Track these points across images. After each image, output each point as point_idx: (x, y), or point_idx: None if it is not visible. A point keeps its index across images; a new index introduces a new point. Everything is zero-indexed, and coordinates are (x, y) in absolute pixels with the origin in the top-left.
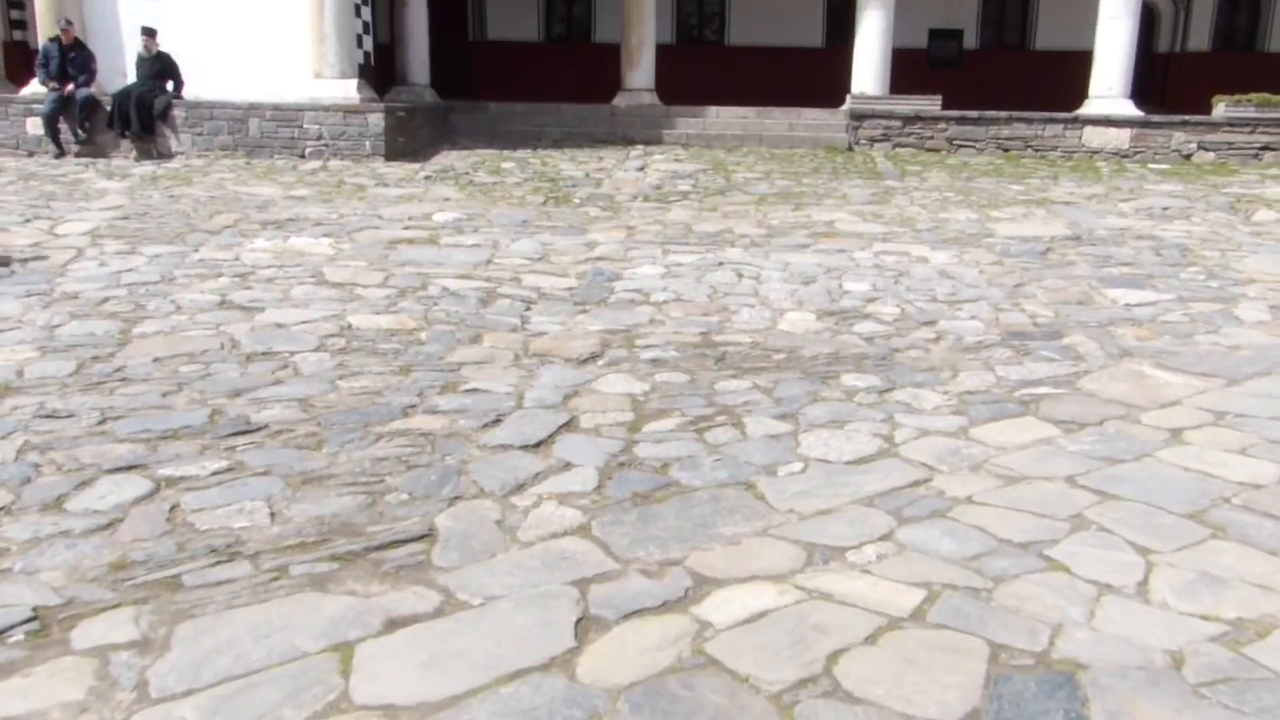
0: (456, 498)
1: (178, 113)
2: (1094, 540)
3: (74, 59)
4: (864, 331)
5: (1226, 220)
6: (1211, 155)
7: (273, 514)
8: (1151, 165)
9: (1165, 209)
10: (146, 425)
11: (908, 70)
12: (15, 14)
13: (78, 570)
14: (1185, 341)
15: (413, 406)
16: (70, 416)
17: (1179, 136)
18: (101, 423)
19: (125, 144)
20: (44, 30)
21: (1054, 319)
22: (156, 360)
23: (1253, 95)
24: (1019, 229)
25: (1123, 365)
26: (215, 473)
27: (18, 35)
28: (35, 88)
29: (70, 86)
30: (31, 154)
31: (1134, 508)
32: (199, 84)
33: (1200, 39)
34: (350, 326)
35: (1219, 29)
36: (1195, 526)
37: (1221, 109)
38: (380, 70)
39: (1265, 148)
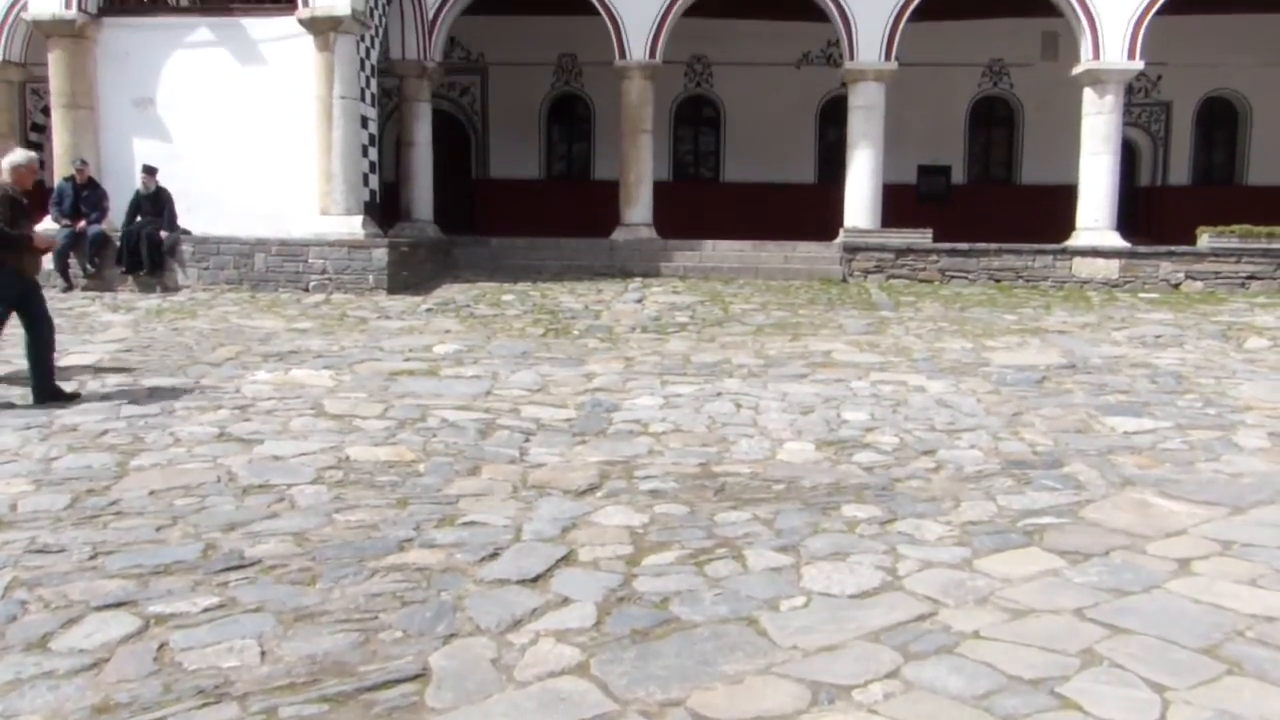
0: (452, 635)
1: (185, 248)
2: (1107, 677)
3: (87, 197)
4: (864, 461)
5: (1219, 348)
6: (1200, 284)
7: (263, 652)
8: (1141, 294)
9: (1158, 337)
10: (138, 560)
11: (898, 204)
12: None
13: (59, 713)
14: (1187, 469)
15: (409, 540)
16: (61, 551)
17: (1166, 266)
18: (93, 558)
19: (132, 278)
20: (60, 170)
21: (1053, 447)
22: (152, 493)
23: (1235, 227)
24: (1014, 358)
25: (1125, 494)
26: (206, 609)
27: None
28: (48, 224)
29: (82, 223)
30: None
31: (1146, 642)
32: (207, 220)
33: (1180, 173)
34: (348, 458)
35: (1197, 164)
36: (1210, 662)
37: (1206, 240)
38: (385, 206)
39: (1251, 277)
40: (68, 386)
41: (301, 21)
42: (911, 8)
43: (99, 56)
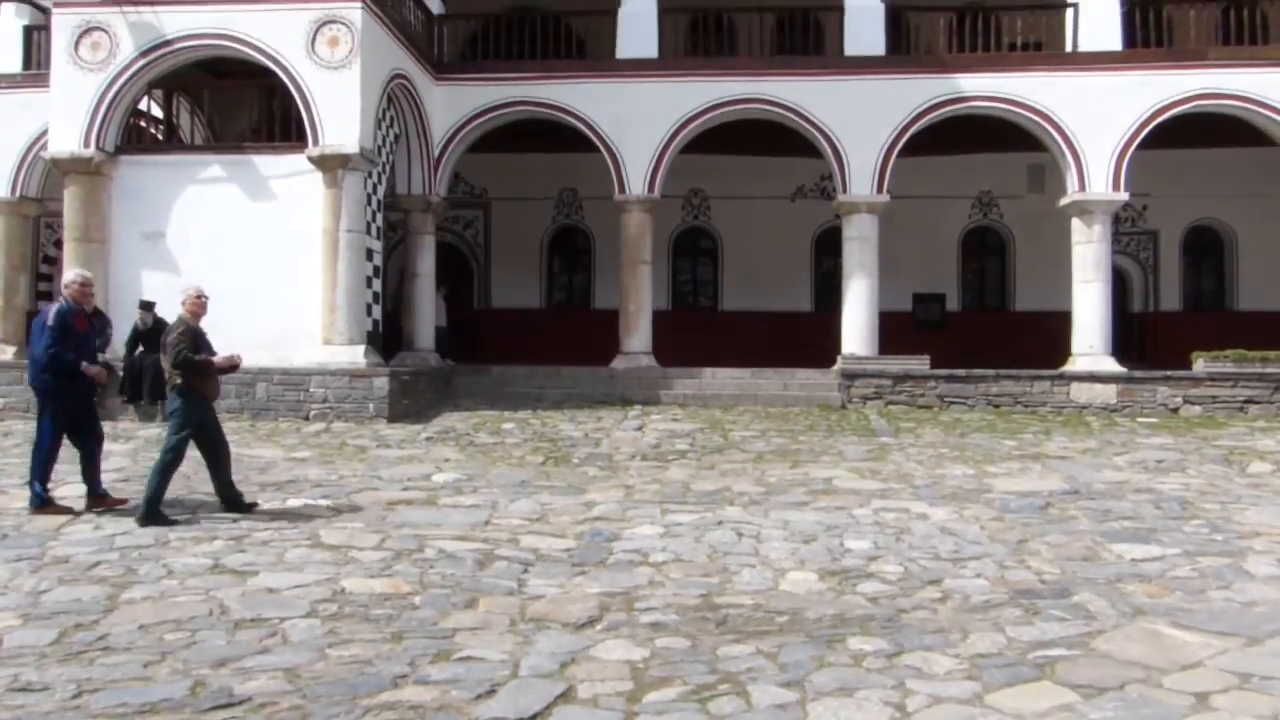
0: None
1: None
2: None
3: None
4: (868, 591)
5: (1222, 473)
6: (1198, 409)
7: None
8: (1140, 419)
9: (1159, 462)
10: (123, 699)
11: (895, 331)
12: (43, 285)
13: None
14: (1198, 598)
15: (403, 676)
16: (45, 690)
17: (1164, 391)
18: (77, 696)
19: (133, 408)
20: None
21: (1061, 576)
22: (142, 627)
23: (1229, 351)
24: (1016, 484)
25: (1137, 624)
26: None
27: (42, 305)
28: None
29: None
30: None
31: None
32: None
33: (1171, 300)
34: (343, 591)
35: (1187, 291)
36: None
37: (1201, 365)
38: (387, 336)
39: (1249, 401)
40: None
41: (311, 159)
42: (901, 144)
43: (113, 192)
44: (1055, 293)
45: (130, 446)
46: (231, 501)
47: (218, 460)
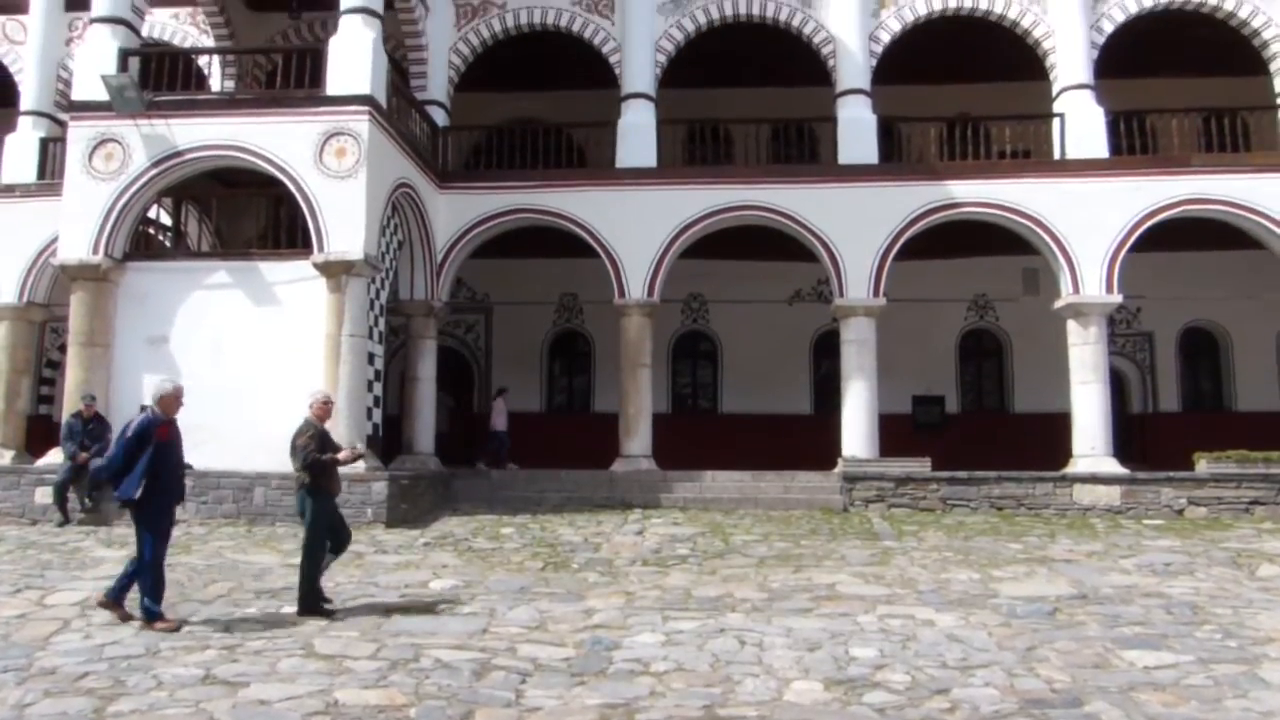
0: None
1: (185, 482)
2: None
3: (92, 430)
4: (875, 702)
5: (1231, 576)
6: (1203, 510)
7: None
8: (1146, 521)
9: (1167, 565)
10: None
11: (895, 433)
12: (45, 390)
13: None
14: (1214, 708)
15: None
16: None
17: (1168, 492)
18: None
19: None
20: (69, 406)
21: (1072, 684)
22: None
23: (1231, 452)
24: (1023, 589)
25: None
26: None
27: (43, 409)
28: (51, 458)
29: (84, 455)
30: (35, 522)
31: None
32: (211, 454)
33: (1170, 400)
34: (337, 703)
35: (1186, 391)
36: None
37: (1204, 465)
38: (387, 439)
39: (1255, 502)
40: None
41: (316, 265)
42: (896, 249)
43: (119, 297)
44: (1054, 394)
45: (124, 554)
46: (311, 605)
47: (340, 545)
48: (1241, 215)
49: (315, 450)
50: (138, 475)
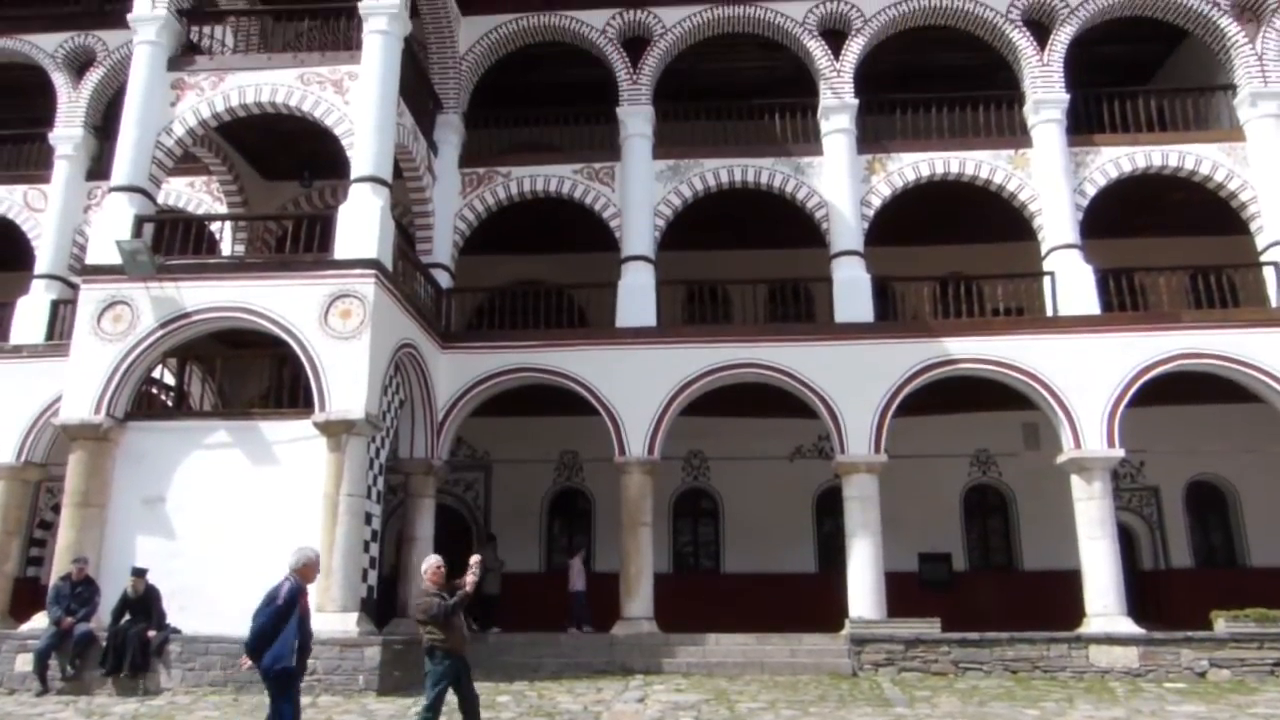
0: None
1: (173, 647)
2: None
3: (79, 594)
4: None
5: None
6: (1226, 673)
7: None
8: (1167, 684)
9: None
10: None
11: (901, 592)
12: (35, 551)
13: None
14: None
15: None
16: None
17: (1187, 654)
18: None
19: (112, 680)
20: (59, 567)
21: None
22: None
23: (1249, 611)
24: None
25: None
26: None
27: (32, 571)
28: (35, 623)
29: (70, 620)
30: (13, 691)
31: None
32: (200, 618)
33: (1181, 556)
34: None
35: (1197, 547)
36: None
37: (1222, 625)
38: (382, 601)
39: (1279, 664)
40: None
41: (317, 424)
42: (895, 405)
43: (118, 457)
44: (1062, 550)
45: None
46: None
47: (471, 712)
48: (1236, 369)
49: (441, 603)
50: (289, 643)
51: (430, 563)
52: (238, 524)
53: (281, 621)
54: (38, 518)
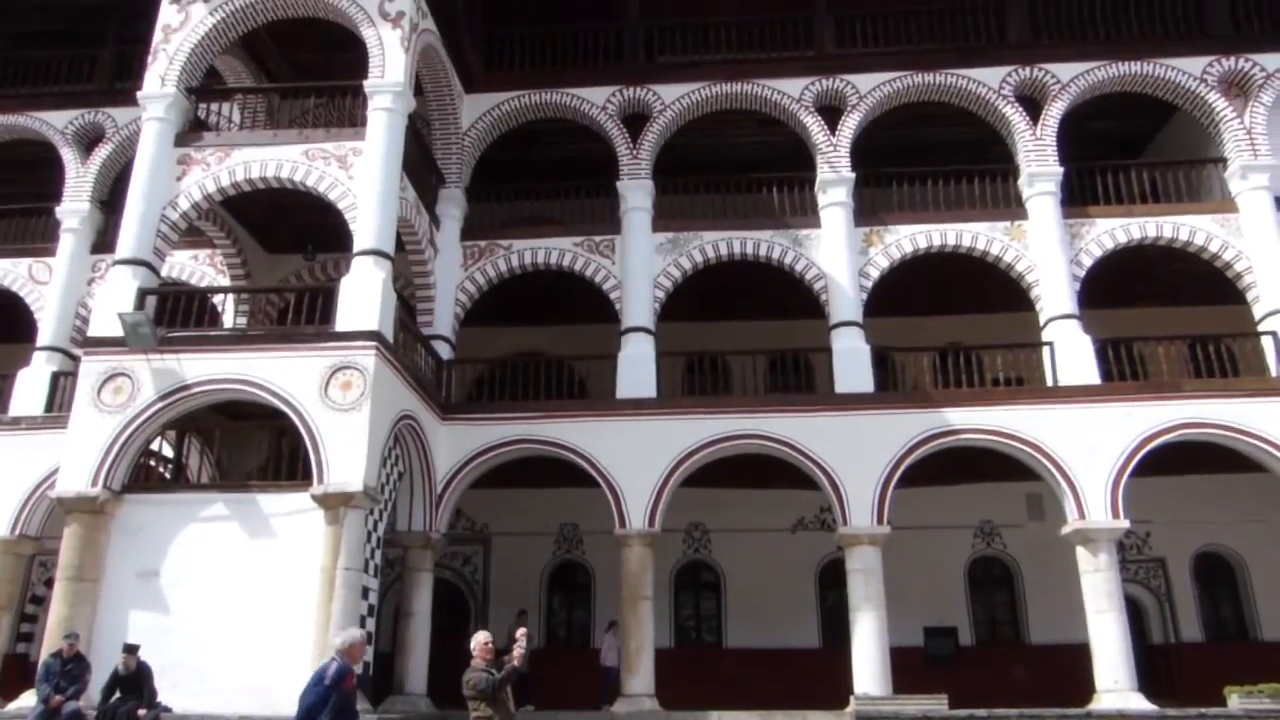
0: None
1: None
2: None
3: (69, 670)
4: None
5: None
6: None
7: None
8: None
9: None
10: None
11: (907, 667)
12: (26, 627)
13: None
14: None
15: None
16: None
17: None
18: None
19: None
20: (50, 644)
21: None
22: None
23: (1263, 686)
24: None
25: None
26: None
27: (21, 648)
28: (23, 702)
29: (59, 698)
30: None
31: None
32: (192, 695)
33: (1191, 629)
34: None
35: (1206, 620)
36: None
37: (1236, 701)
38: (377, 678)
39: None
40: None
41: (315, 497)
42: (897, 476)
43: (113, 530)
44: (1069, 623)
45: None
46: None
47: None
48: (1239, 439)
49: (489, 676)
50: None
51: (479, 639)
52: (233, 598)
53: (324, 703)
54: (30, 592)
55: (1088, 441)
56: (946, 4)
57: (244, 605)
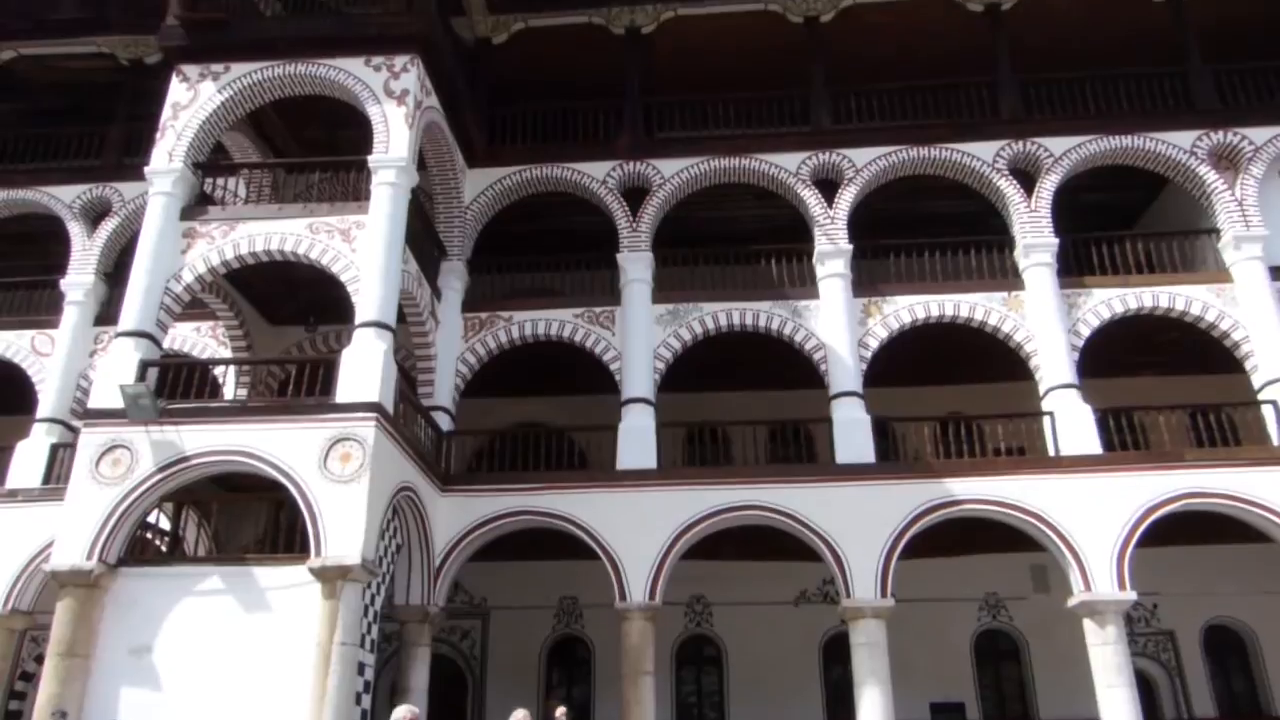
0: None
1: None
2: None
3: None
4: None
5: None
6: None
7: None
8: None
9: None
10: None
11: None
12: (14, 705)
13: None
14: None
15: None
16: None
17: None
18: None
19: None
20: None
21: None
22: None
23: None
24: None
25: None
26: None
27: (14, 705)
28: None
29: None
30: None
31: None
32: None
33: (1204, 704)
34: None
35: (1219, 695)
36: None
37: None
38: None
39: None
40: None
41: (312, 570)
42: (900, 547)
43: (107, 604)
44: (1079, 698)
45: None
46: None
47: None
48: (1243, 508)
49: None
50: None
51: (518, 716)
52: (227, 673)
53: None
54: (20, 669)
55: (1092, 512)
56: (940, 81)
57: (238, 681)
